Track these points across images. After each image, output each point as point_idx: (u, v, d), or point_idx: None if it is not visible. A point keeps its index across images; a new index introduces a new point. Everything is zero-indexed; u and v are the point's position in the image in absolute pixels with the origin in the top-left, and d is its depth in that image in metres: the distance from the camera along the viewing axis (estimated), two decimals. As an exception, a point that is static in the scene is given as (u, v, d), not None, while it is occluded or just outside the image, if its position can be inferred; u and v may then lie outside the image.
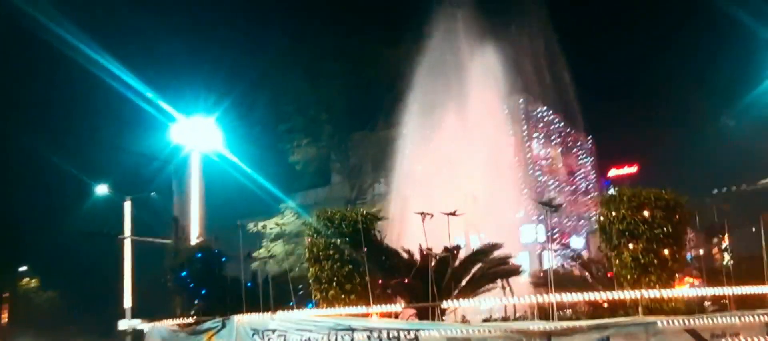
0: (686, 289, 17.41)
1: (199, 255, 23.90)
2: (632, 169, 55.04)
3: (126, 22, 53.47)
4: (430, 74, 32.74)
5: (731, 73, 42.73)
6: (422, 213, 19.03)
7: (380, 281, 19.14)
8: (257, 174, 49.33)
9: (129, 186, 49.79)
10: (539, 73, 36.55)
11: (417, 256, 20.15)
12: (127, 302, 46.83)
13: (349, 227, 18.89)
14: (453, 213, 19.49)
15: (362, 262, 18.72)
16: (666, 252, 17.55)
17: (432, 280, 18.22)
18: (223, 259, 24.69)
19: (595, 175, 54.52)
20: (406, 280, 18.75)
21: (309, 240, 19.46)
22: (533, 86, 38.34)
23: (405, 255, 19.55)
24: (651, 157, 50.83)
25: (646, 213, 17.61)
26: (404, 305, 18.08)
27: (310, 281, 19.60)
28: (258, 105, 50.23)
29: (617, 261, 18.19)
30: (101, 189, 50.89)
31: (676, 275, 17.64)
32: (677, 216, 17.77)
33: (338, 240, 18.76)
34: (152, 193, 50.94)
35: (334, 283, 18.76)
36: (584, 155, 54.14)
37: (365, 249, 18.80)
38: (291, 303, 22.44)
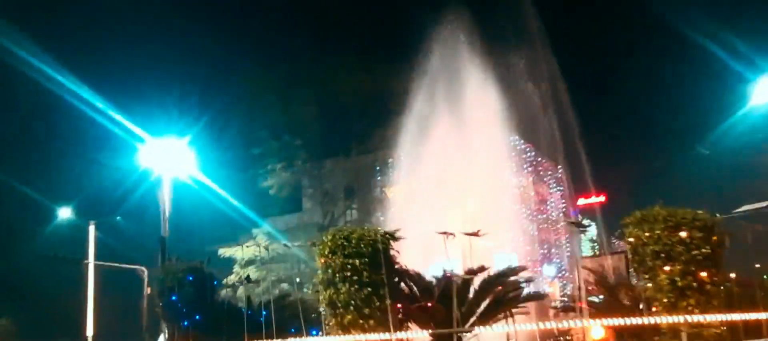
0: (730, 314, 16.13)
1: (191, 277, 21.81)
2: (600, 199, 54.53)
3: (93, 43, 50.92)
4: (424, 98, 31.53)
5: (703, 105, 42.53)
6: (445, 233, 17.58)
7: (399, 305, 17.51)
8: (228, 198, 47.31)
9: (94, 209, 47.14)
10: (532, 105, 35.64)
11: (428, 279, 18.79)
12: (89, 330, 44.02)
13: (368, 247, 17.16)
14: (475, 234, 18.09)
15: (382, 285, 17.04)
16: (704, 274, 16.31)
17: (457, 304, 16.70)
18: (216, 283, 22.68)
19: (565, 204, 53.86)
20: (430, 304, 17.18)
21: (322, 261, 17.61)
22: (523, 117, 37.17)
23: (426, 278, 18.02)
24: (619, 186, 50.30)
25: (683, 233, 16.38)
26: (430, 331, 16.38)
27: (323, 305, 17.76)
28: (230, 128, 48.28)
29: (650, 284, 16.88)
30: (64, 213, 48.08)
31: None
32: (714, 238, 16.60)
33: (357, 261, 16.97)
34: (118, 217, 48.34)
35: (352, 308, 16.92)
36: (554, 184, 53.47)
37: (384, 271, 17.18)
38: (292, 330, 20.69)
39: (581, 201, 55.49)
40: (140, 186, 45.58)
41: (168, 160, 43.64)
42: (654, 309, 16.60)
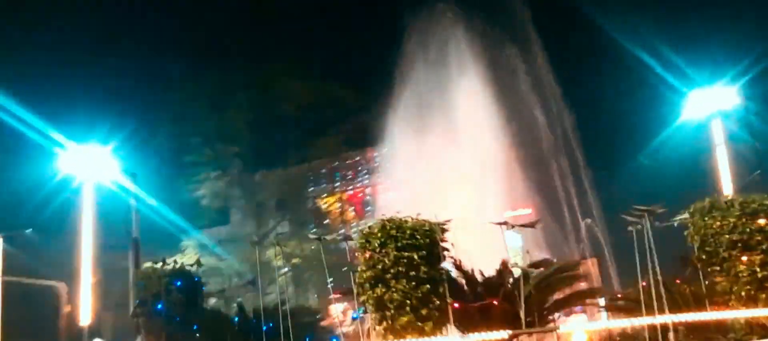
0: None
1: (179, 282, 18.25)
2: (527, 211, 53.72)
3: (5, 41, 44.98)
4: (410, 100, 29.18)
5: (637, 116, 42.42)
6: (503, 223, 15.29)
7: (457, 305, 14.93)
8: (156, 208, 42.85)
9: (3, 222, 41.37)
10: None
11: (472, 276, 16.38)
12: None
13: (425, 238, 14.53)
14: (532, 225, 15.90)
15: (440, 281, 14.47)
16: (783, 265, 14.79)
17: (527, 302, 14.39)
18: (204, 288, 19.23)
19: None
20: (496, 301, 14.73)
21: (368, 255, 14.73)
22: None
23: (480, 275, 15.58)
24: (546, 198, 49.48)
25: (761, 221, 14.83)
26: (511, 332, 13.88)
27: (368, 305, 14.88)
28: (159, 134, 43.76)
29: (722, 276, 15.20)
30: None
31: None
32: (790, 226, 15.13)
33: (415, 255, 14.25)
34: (28, 230, 42.92)
35: (408, 308, 14.16)
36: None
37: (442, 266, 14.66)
38: (307, 338, 17.72)
39: (508, 213, 54.58)
40: (57, 196, 40.62)
41: (90, 167, 39.09)
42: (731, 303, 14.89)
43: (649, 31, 39.55)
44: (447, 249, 14.98)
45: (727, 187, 36.39)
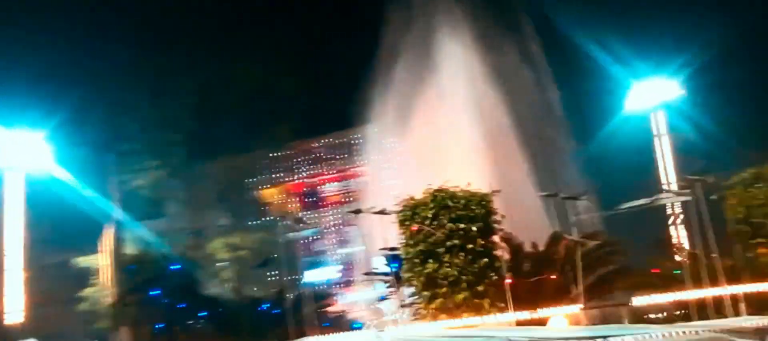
0: None
1: (178, 266, 16.12)
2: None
3: None
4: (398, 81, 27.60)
5: (584, 109, 42.38)
6: (550, 195, 14.19)
7: (512, 279, 13.65)
8: (89, 199, 39.23)
9: None
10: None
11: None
12: None
13: (480, 208, 13.17)
14: (577, 197, 14.86)
15: (496, 256, 13.18)
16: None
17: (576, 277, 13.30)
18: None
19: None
20: (554, 276, 13.57)
21: (415, 229, 13.23)
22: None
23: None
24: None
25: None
26: (582, 306, 12.72)
27: (414, 283, 13.40)
28: (92, 121, 39.94)
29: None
30: None
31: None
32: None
33: (473, 227, 12.87)
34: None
35: (465, 285, 12.77)
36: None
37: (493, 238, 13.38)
38: (326, 324, 16.10)
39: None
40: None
41: (19, 154, 35.43)
42: None
43: (597, 23, 39.53)
44: (498, 222, 13.66)
45: (671, 175, 36.93)
